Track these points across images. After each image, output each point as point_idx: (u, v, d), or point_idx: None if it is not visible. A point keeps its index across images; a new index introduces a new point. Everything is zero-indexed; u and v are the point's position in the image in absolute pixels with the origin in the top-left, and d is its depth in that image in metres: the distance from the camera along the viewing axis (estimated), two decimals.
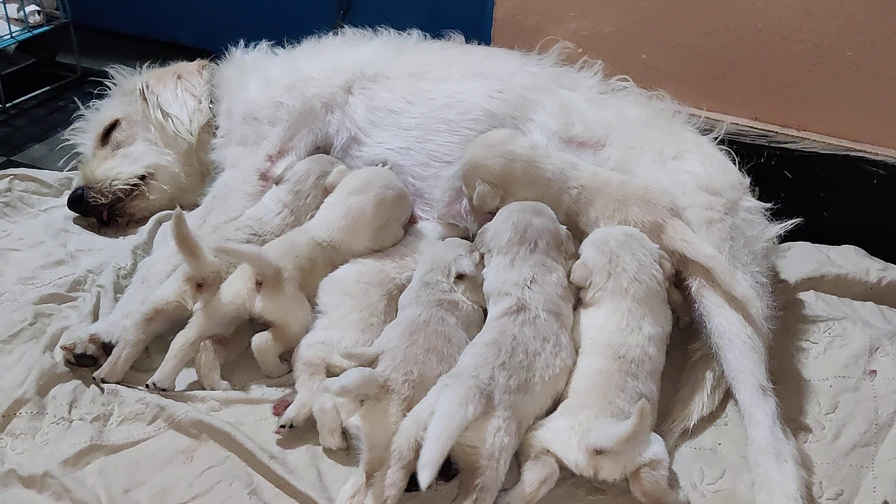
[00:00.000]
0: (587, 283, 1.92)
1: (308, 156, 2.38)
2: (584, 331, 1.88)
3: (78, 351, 1.95)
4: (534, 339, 1.76)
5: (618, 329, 1.83)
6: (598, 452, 1.60)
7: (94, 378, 1.91)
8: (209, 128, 2.58)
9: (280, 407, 1.86)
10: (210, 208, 2.35)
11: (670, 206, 2.04)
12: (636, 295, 1.87)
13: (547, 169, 2.11)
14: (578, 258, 1.98)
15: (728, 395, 1.93)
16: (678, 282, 2.02)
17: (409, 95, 2.38)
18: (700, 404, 1.89)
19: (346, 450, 1.78)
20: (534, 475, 1.63)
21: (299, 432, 1.81)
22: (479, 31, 2.79)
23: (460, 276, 1.95)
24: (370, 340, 1.86)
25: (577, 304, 1.95)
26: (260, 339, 1.90)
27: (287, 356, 1.94)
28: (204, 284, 1.96)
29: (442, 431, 1.48)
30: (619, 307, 1.86)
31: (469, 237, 2.21)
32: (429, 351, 1.75)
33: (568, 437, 1.64)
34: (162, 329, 1.99)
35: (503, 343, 1.73)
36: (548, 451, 1.65)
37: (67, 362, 1.96)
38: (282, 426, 1.79)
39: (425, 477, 1.43)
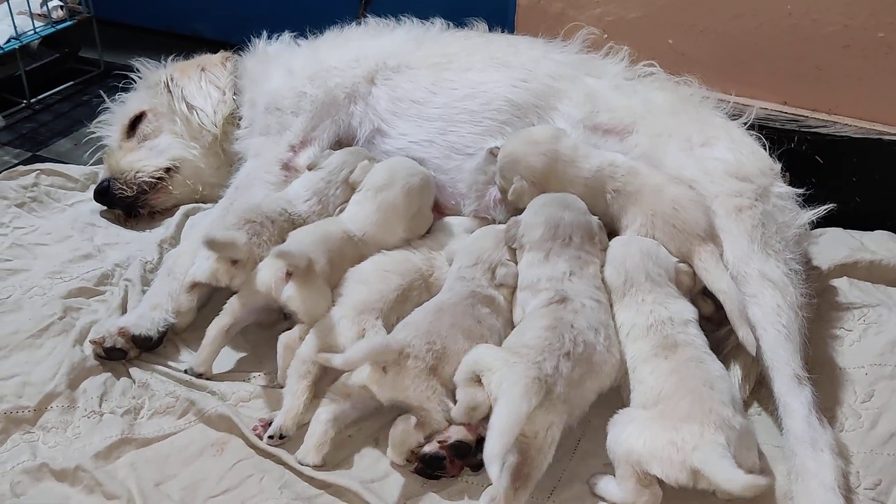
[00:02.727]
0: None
1: (331, 146, 2.37)
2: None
3: (107, 344, 1.96)
4: (587, 329, 1.72)
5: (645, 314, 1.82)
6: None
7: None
8: (233, 119, 2.58)
9: (261, 426, 1.79)
10: (232, 199, 2.34)
11: (700, 229, 1.96)
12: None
13: (585, 169, 2.07)
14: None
15: (760, 385, 1.90)
16: None
17: (431, 86, 2.36)
18: None
19: (375, 442, 1.78)
20: None
21: None
22: (502, 18, 2.76)
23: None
24: (367, 321, 1.83)
25: None
26: (288, 338, 1.88)
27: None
28: (238, 263, 1.96)
29: (506, 426, 1.48)
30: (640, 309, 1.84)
31: None
32: (454, 326, 1.74)
33: (670, 455, 1.54)
34: None
35: (564, 330, 1.69)
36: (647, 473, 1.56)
37: (97, 356, 1.97)
38: (270, 437, 1.74)
39: (495, 470, 1.45)
